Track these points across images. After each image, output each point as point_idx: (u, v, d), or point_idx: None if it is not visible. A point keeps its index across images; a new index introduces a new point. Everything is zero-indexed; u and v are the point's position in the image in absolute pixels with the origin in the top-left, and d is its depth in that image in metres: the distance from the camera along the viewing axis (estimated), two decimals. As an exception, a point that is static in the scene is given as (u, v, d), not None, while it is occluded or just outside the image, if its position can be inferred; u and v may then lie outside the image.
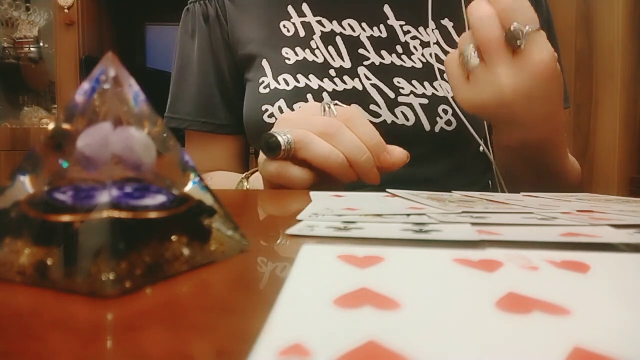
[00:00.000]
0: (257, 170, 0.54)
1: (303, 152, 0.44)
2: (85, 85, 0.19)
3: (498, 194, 0.55)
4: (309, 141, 0.44)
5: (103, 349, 0.11)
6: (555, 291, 0.14)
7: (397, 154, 0.48)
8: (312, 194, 0.39)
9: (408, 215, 0.28)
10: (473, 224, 0.25)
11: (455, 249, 0.18)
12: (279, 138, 0.44)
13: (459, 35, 0.63)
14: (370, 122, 0.60)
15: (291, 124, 0.46)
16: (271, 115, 0.62)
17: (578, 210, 0.30)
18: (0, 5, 2.32)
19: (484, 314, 0.12)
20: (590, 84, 1.64)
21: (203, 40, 0.69)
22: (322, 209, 0.30)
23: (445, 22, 0.64)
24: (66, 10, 2.19)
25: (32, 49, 2.32)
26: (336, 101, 0.49)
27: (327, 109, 0.46)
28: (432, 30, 0.63)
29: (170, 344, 0.11)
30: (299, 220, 0.26)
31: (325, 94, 0.60)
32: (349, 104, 0.52)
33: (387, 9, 0.63)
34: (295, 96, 0.61)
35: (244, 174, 0.56)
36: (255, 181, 0.55)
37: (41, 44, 2.35)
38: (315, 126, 0.45)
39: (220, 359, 0.11)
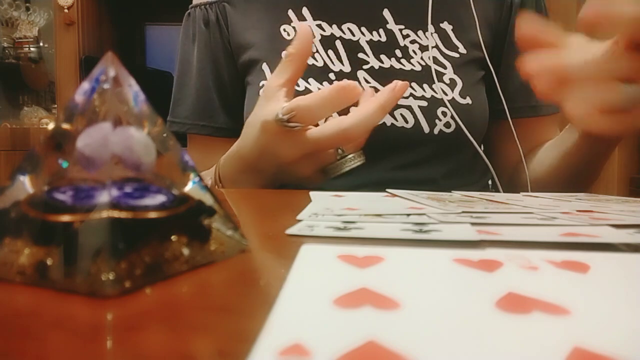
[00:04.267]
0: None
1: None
2: (85, 85, 0.19)
3: (498, 194, 0.55)
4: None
5: (103, 349, 0.11)
6: (555, 291, 0.14)
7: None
8: (312, 194, 0.39)
9: (408, 215, 0.28)
10: (473, 224, 0.25)
11: (455, 249, 0.18)
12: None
13: (457, 38, 0.63)
14: None
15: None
16: None
17: (578, 210, 0.30)
18: (0, 5, 2.32)
19: (484, 314, 0.12)
20: (591, 84, 1.64)
21: (202, 45, 0.69)
22: (322, 209, 0.30)
23: (445, 25, 0.64)
24: (66, 10, 2.19)
25: (32, 49, 2.32)
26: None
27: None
28: (432, 34, 0.63)
29: (170, 344, 0.11)
30: (299, 220, 0.26)
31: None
32: (349, 108, 0.51)
33: (386, 13, 0.64)
34: None
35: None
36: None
37: (41, 44, 2.35)
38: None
39: (220, 359, 0.11)
